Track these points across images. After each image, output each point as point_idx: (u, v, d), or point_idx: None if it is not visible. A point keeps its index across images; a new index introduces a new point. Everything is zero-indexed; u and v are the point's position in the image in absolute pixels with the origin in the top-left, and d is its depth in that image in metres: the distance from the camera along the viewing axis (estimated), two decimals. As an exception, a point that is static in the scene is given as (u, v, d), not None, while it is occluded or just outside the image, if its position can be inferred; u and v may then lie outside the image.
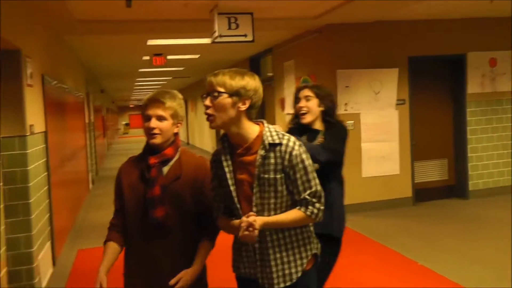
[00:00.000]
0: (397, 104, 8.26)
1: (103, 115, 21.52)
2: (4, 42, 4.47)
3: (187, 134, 26.01)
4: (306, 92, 3.50)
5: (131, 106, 48.28)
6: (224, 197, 2.48)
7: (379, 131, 8.18)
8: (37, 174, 5.37)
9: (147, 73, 15.52)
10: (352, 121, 8.03)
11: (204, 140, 21.19)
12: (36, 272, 5.07)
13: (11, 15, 4.71)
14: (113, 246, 2.68)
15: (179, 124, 2.65)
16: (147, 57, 10.64)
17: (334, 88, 7.95)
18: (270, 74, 11.39)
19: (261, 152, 2.34)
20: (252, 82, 2.35)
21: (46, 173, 5.90)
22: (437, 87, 8.75)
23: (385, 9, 7.07)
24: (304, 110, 3.46)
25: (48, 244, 5.86)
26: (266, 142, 2.34)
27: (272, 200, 2.37)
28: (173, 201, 2.59)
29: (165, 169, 2.63)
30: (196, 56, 11.78)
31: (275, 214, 2.38)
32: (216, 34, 6.33)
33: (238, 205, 2.41)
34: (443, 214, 7.84)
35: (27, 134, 5.02)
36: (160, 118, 2.58)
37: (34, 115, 5.41)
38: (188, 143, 25.48)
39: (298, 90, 3.59)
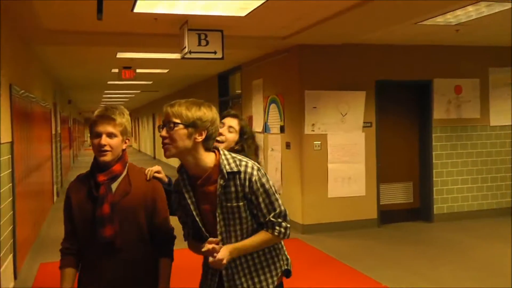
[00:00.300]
0: (363, 127, 8.40)
1: (69, 126, 21.25)
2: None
3: (154, 149, 25.84)
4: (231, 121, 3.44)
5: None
6: (192, 224, 2.48)
7: (346, 153, 8.30)
8: (1, 185, 5.28)
9: (115, 86, 15.45)
10: (319, 142, 8.14)
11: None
12: (-4, 285, 4.98)
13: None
14: (69, 272, 2.62)
15: (127, 140, 2.63)
16: (116, 70, 10.59)
17: (302, 108, 8.06)
18: (239, 91, 11.47)
19: (221, 181, 2.33)
20: (209, 113, 2.34)
21: (10, 184, 5.80)
22: (403, 111, 8.95)
23: (352, 32, 7.23)
24: (221, 139, 3.32)
25: (10, 256, 5.75)
26: (225, 171, 2.33)
27: (238, 227, 2.38)
28: (123, 218, 2.54)
29: (114, 186, 2.58)
30: (165, 71, 11.78)
31: (242, 239, 2.38)
32: (186, 50, 6.36)
33: (207, 234, 2.41)
34: (408, 236, 7.97)
35: (-7, 143, 4.95)
36: (111, 135, 2.55)
37: (1, 124, 5.34)
38: (154, 158, 25.31)
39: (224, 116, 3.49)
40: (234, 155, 2.40)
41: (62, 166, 14.82)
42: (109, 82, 14.02)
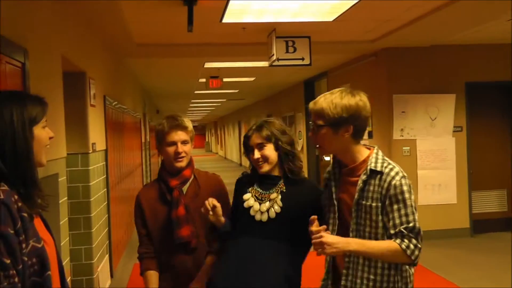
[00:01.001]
0: (454, 131, 8.10)
1: (157, 135, 21.90)
2: (71, 65, 4.68)
3: (240, 156, 26.14)
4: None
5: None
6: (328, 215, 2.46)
7: (436, 158, 8.04)
8: (97, 190, 5.56)
9: (202, 95, 15.78)
10: (408, 147, 7.94)
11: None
12: (96, 283, 5.26)
13: (77, 41, 4.94)
14: (153, 274, 2.75)
15: (193, 145, 2.82)
16: (203, 80, 10.84)
17: (390, 113, 7.90)
18: (325, 98, 11.39)
19: (363, 177, 2.30)
20: (353, 107, 2.29)
21: (105, 189, 6.09)
22: (496, 114, 8.53)
23: (441, 33, 7.01)
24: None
25: (107, 257, 6.04)
26: (369, 167, 2.30)
27: (367, 229, 2.29)
28: (196, 219, 2.71)
29: (184, 189, 2.76)
30: (252, 79, 11.92)
31: None
32: (274, 57, 6.40)
33: (337, 221, 2.39)
34: (504, 247, 7.52)
35: (90, 151, 5.22)
36: (184, 142, 2.73)
37: (96, 133, 5.62)
38: (240, 165, 25.64)
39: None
40: (386, 158, 2.36)
41: (151, 172, 15.34)
42: (196, 92, 14.36)
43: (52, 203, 1.91)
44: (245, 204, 2.59)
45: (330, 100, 2.31)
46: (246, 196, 2.62)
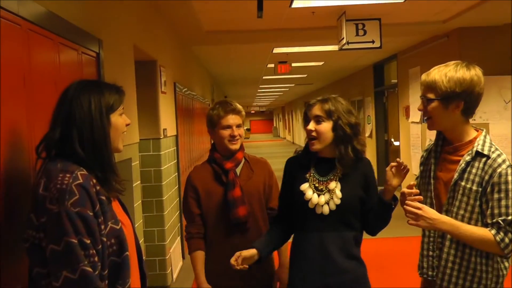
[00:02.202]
0: (530, 114, 7.78)
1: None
2: (142, 54, 4.85)
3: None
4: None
5: (252, 112, 49.45)
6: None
7: (509, 143, 7.76)
8: (168, 174, 5.75)
9: (270, 80, 15.84)
10: (480, 131, 7.69)
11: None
12: (168, 264, 5.48)
13: (148, 30, 5.10)
14: (201, 255, 2.87)
15: (245, 130, 2.96)
16: (271, 65, 10.88)
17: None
18: (394, 81, 11.20)
19: (467, 157, 2.20)
20: (467, 82, 2.20)
21: (176, 174, 6.29)
22: None
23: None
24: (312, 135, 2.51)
25: (178, 239, 6.26)
26: (475, 149, 2.19)
27: (461, 212, 2.21)
28: (248, 201, 2.82)
29: (237, 171, 2.88)
30: (320, 63, 11.85)
31: None
32: (344, 41, 6.34)
33: (433, 200, 2.32)
34: None
35: (161, 137, 5.40)
36: (239, 126, 2.86)
37: (167, 119, 5.80)
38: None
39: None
40: (494, 143, 2.26)
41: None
42: (264, 77, 14.42)
43: (126, 186, 2.03)
44: (305, 197, 2.47)
45: (444, 72, 2.23)
46: (304, 186, 2.48)
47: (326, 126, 2.44)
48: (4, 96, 1.90)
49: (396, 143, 11.14)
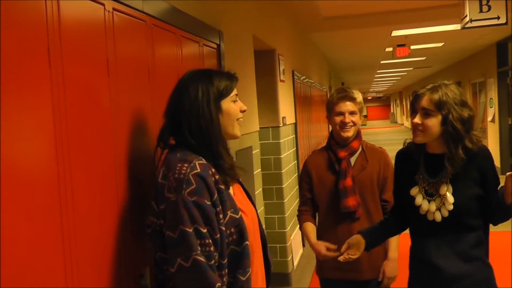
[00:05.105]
0: None
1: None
2: (261, 44, 4.90)
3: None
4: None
5: (369, 98, 48.46)
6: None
7: None
8: (288, 162, 5.80)
9: (388, 65, 15.44)
10: None
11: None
12: (289, 251, 5.54)
13: (266, 20, 5.14)
14: (312, 225, 2.92)
15: (361, 117, 2.88)
16: (390, 49, 10.59)
17: None
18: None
19: None
20: None
21: (295, 161, 6.31)
22: None
23: None
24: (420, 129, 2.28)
25: (298, 227, 6.28)
26: None
27: None
28: (362, 191, 2.80)
29: (352, 160, 2.84)
30: (440, 45, 11.33)
31: None
32: (467, 19, 5.98)
33: None
34: None
35: (280, 125, 5.44)
36: (352, 113, 2.80)
37: (286, 107, 5.83)
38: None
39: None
40: None
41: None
42: (382, 62, 14.09)
43: (248, 173, 2.06)
44: (415, 203, 2.30)
45: None
46: (414, 191, 2.31)
47: (435, 121, 2.20)
48: (132, 88, 2.00)
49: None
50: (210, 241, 1.70)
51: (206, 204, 1.71)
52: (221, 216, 1.76)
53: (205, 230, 1.69)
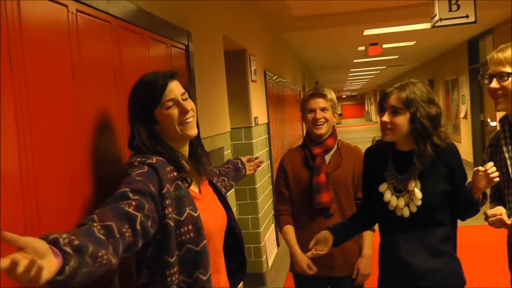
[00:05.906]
0: None
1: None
2: (232, 44, 4.89)
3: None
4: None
5: (343, 96, 48.76)
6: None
7: None
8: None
9: (361, 64, 15.57)
10: None
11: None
12: (263, 251, 5.54)
13: (237, 20, 5.14)
14: (292, 229, 2.94)
15: (335, 115, 2.92)
16: (362, 48, 10.67)
17: None
18: (492, 58, 10.59)
19: None
20: None
21: (268, 161, 6.32)
22: None
23: None
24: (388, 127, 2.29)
25: (272, 226, 6.30)
26: None
27: None
28: (334, 188, 2.84)
29: (327, 158, 2.88)
30: (412, 43, 11.48)
31: None
32: (437, 17, 6.06)
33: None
34: None
35: (252, 125, 5.43)
36: (323, 109, 2.84)
37: (258, 107, 5.83)
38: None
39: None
40: None
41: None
42: (355, 61, 14.20)
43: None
44: (383, 199, 2.31)
45: None
46: (382, 187, 2.33)
47: (403, 119, 2.21)
48: (98, 90, 1.98)
49: (493, 124, 10.56)
50: (135, 203, 1.62)
51: (149, 187, 1.69)
52: (169, 209, 1.75)
53: (131, 195, 1.63)
